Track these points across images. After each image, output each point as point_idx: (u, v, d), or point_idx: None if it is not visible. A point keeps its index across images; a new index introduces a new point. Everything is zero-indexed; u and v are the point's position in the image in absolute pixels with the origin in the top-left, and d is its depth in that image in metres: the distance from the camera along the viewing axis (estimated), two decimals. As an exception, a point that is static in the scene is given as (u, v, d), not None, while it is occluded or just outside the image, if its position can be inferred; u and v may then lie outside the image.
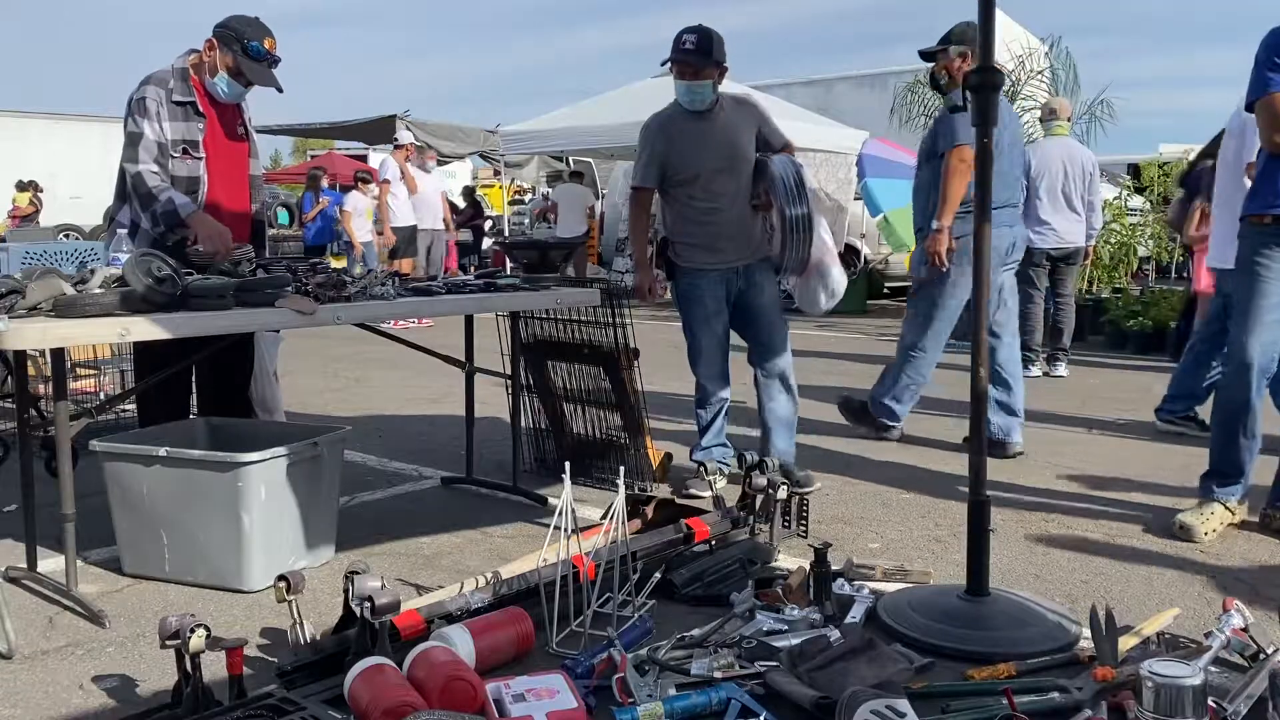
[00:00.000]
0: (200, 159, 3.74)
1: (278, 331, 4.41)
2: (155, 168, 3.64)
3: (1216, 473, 3.66)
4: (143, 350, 3.82)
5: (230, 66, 3.75)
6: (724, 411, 4.25)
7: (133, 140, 3.64)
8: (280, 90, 3.85)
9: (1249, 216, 3.51)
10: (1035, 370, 7.24)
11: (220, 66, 3.74)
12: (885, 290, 13.38)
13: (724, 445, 4.25)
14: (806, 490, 3.99)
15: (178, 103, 3.70)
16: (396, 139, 11.58)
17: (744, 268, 4.12)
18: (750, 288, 4.14)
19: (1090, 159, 7.14)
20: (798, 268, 4.10)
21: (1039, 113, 7.41)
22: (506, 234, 17.20)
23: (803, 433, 4.33)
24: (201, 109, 3.76)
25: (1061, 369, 7.30)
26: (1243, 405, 3.53)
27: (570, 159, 16.58)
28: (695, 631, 2.65)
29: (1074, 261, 7.36)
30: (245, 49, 3.73)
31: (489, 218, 18.71)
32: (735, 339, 4.26)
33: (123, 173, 3.71)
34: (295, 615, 2.55)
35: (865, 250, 12.72)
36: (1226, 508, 3.63)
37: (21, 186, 15.95)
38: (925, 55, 4.92)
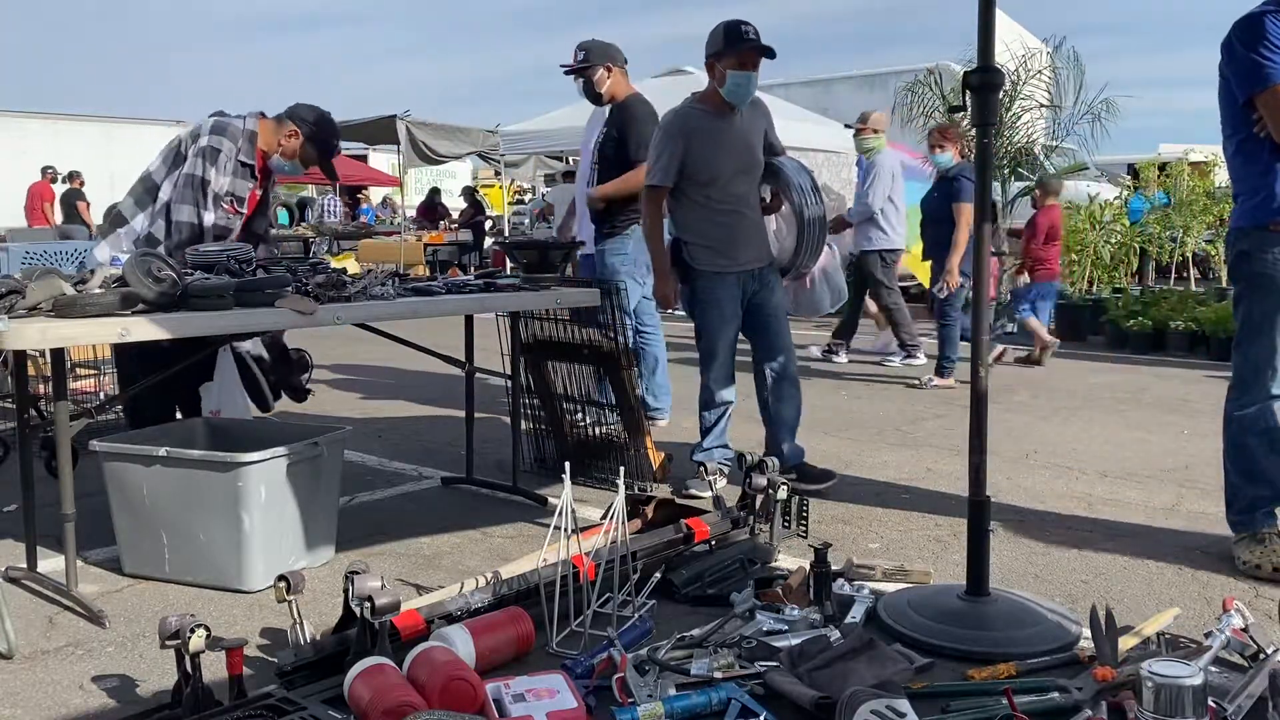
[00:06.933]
0: (241, 214, 3.95)
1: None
2: (211, 218, 3.84)
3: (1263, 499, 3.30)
4: (122, 357, 3.93)
5: (309, 159, 4.03)
6: (728, 414, 4.25)
7: (200, 185, 3.82)
8: (336, 179, 4.14)
9: (1270, 224, 3.14)
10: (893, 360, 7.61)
11: (298, 155, 4.00)
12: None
13: (725, 447, 4.24)
14: (824, 485, 4.11)
15: (242, 163, 3.90)
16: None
17: (758, 270, 4.13)
18: (763, 289, 4.14)
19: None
20: (807, 270, 4.12)
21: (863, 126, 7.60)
22: (506, 234, 17.20)
23: (802, 430, 4.33)
24: (256, 173, 3.98)
25: (842, 357, 7.79)
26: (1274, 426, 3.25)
27: (570, 159, 16.57)
28: (695, 631, 2.65)
29: (897, 261, 7.77)
30: (330, 151, 4.07)
31: (489, 217, 18.72)
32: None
33: (154, 186, 3.87)
34: (295, 615, 2.55)
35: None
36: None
37: None
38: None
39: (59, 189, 16.81)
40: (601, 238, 5.00)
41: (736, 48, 3.92)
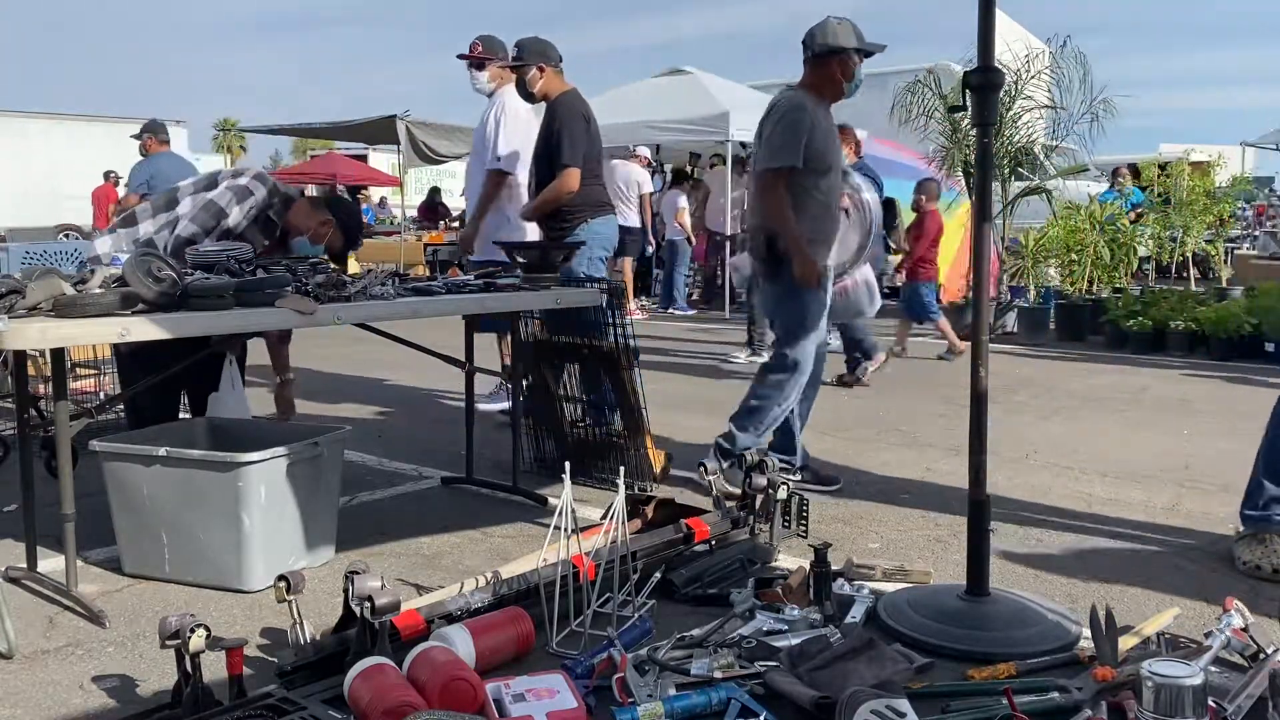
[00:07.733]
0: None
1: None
2: (210, 246, 3.81)
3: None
4: (126, 357, 3.94)
5: (333, 248, 4.08)
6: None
7: (217, 214, 3.81)
8: (344, 271, 4.15)
9: None
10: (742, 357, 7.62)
11: (327, 241, 4.04)
12: (884, 290, 13.39)
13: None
14: (832, 488, 4.17)
15: (269, 218, 3.92)
16: (634, 150, 10.67)
17: (827, 269, 4.15)
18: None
19: None
20: (861, 266, 4.16)
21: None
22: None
23: (803, 430, 4.33)
24: (278, 232, 4.00)
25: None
26: None
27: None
28: (695, 631, 2.65)
29: None
30: (354, 246, 4.20)
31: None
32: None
33: (175, 200, 3.89)
34: (295, 615, 2.55)
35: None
36: None
37: None
38: None
39: (123, 192, 16.87)
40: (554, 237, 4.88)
41: (867, 47, 4.00)
